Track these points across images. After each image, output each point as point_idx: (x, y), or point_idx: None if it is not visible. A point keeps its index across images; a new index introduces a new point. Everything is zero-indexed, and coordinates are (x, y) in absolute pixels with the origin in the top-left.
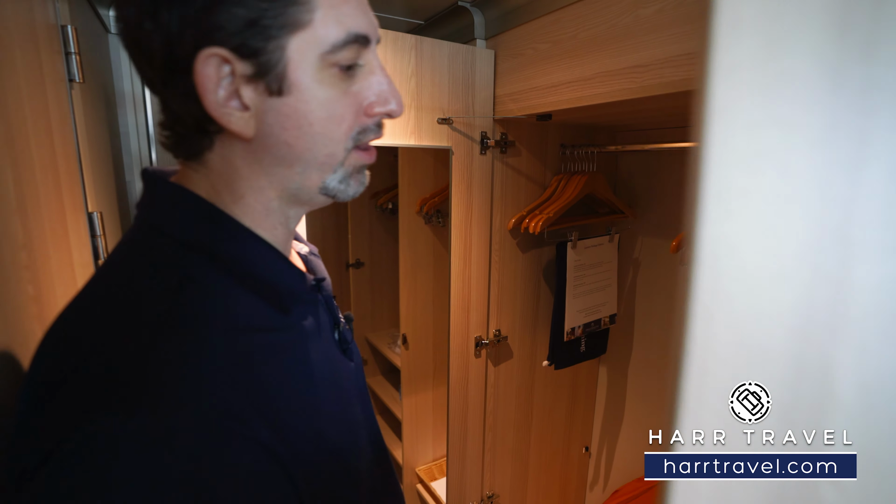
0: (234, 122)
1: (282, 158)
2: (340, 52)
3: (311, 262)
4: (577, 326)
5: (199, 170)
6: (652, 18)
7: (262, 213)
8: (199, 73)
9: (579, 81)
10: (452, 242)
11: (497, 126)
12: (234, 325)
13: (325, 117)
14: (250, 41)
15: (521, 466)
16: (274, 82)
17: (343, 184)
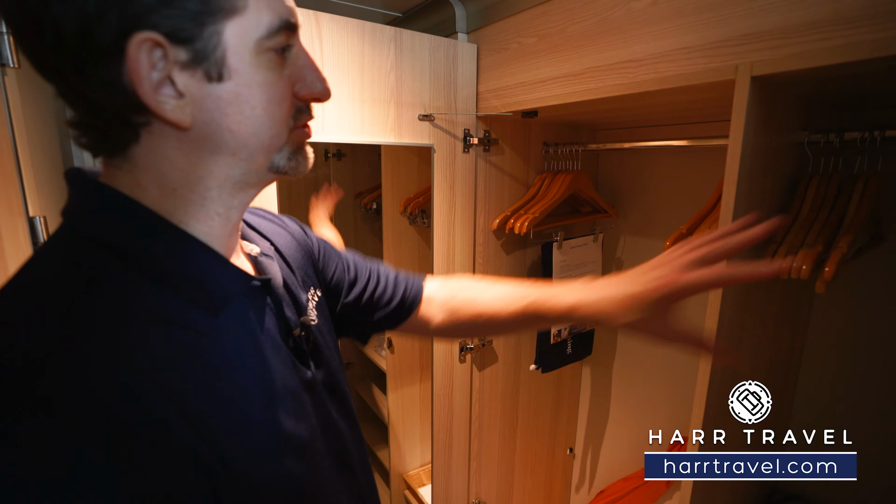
0: (168, 110)
1: (225, 145)
2: (275, 37)
3: (262, 264)
4: (563, 328)
5: (121, 166)
6: (646, 11)
7: (196, 205)
8: (132, 58)
9: (569, 77)
10: (435, 243)
11: (480, 123)
12: (149, 318)
13: (268, 100)
14: (184, 26)
15: (507, 470)
16: (213, 68)
17: (292, 160)
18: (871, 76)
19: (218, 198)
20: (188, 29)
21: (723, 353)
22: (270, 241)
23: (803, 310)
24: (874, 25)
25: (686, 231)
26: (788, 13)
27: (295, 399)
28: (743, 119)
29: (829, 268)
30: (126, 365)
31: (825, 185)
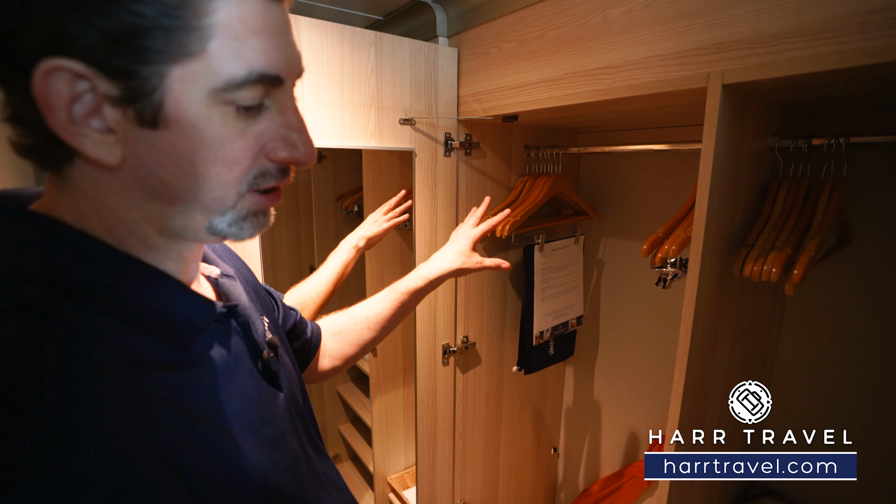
0: (89, 146)
1: (157, 194)
2: (239, 91)
3: (223, 287)
4: (545, 330)
5: (61, 186)
6: (621, 19)
7: (141, 248)
8: (38, 86)
9: (547, 82)
10: (417, 247)
11: (461, 127)
12: (115, 364)
13: (211, 159)
14: (116, 60)
15: (492, 471)
16: (147, 111)
17: (235, 227)
18: (836, 85)
19: (162, 244)
20: (123, 64)
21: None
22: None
23: (776, 310)
24: (836, 38)
25: (662, 234)
26: (756, 24)
27: (274, 426)
28: (715, 125)
29: (798, 271)
30: (104, 430)
31: (794, 189)
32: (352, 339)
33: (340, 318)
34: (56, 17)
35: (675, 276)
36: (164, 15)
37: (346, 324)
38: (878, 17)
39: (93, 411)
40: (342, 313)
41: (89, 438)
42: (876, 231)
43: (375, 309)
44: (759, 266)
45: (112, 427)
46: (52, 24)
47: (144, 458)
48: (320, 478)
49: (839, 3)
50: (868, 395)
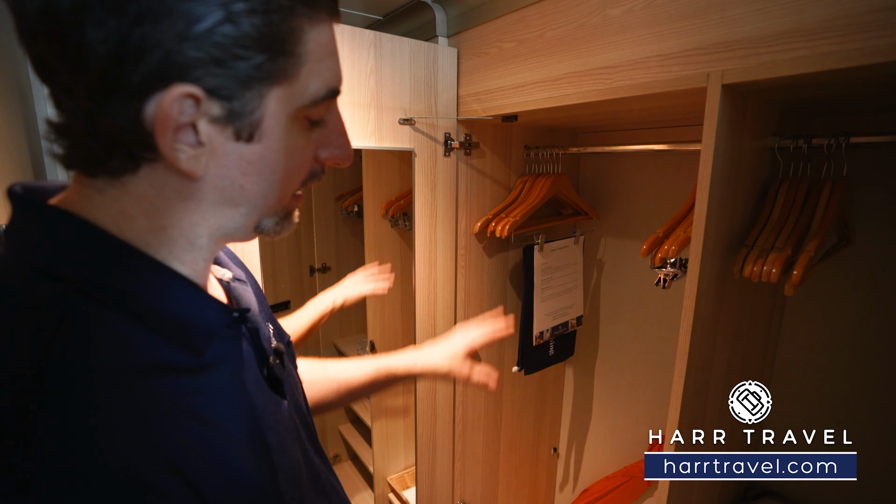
0: (182, 160)
1: (230, 200)
2: (318, 106)
3: (235, 291)
4: (545, 330)
5: (105, 190)
6: (621, 19)
7: (184, 247)
8: (164, 108)
9: (547, 82)
10: (417, 248)
11: (461, 127)
12: (131, 369)
13: (290, 166)
14: (229, 85)
15: (492, 472)
16: (245, 129)
17: (279, 225)
18: (837, 85)
19: (207, 245)
20: (232, 88)
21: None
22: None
23: (776, 310)
24: (836, 38)
25: (662, 235)
26: (756, 24)
27: (277, 434)
28: (715, 125)
29: (798, 272)
30: (115, 434)
31: (794, 189)
32: (313, 393)
33: (314, 369)
34: (183, 46)
35: (674, 277)
36: (271, 45)
37: (316, 376)
38: (879, 17)
39: (105, 415)
40: (317, 363)
41: (100, 442)
42: (876, 231)
43: (350, 375)
44: (759, 267)
45: (124, 432)
46: (179, 51)
47: (155, 464)
48: (321, 485)
49: (840, 3)
50: (868, 395)
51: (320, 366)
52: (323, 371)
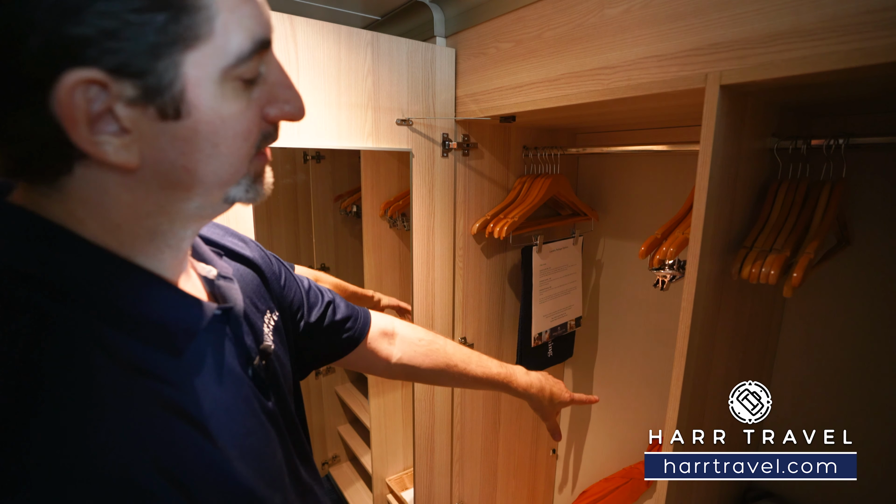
0: (110, 152)
1: (177, 182)
2: (247, 62)
3: (221, 288)
4: (544, 331)
5: (49, 194)
6: (618, 19)
7: (144, 239)
8: (63, 101)
9: (545, 82)
10: (414, 248)
11: (459, 127)
12: (112, 372)
13: (231, 135)
14: (133, 60)
15: (490, 473)
16: (169, 105)
17: (251, 191)
18: (836, 86)
19: (169, 230)
20: (139, 63)
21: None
22: (229, 259)
23: (775, 311)
24: (835, 38)
25: (661, 236)
26: (754, 24)
27: (257, 437)
28: (713, 126)
29: (797, 273)
30: (101, 437)
31: (793, 190)
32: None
33: (419, 333)
34: (63, 25)
35: (673, 278)
36: (170, 2)
37: (423, 344)
38: (877, 17)
39: (89, 418)
40: (422, 331)
41: (85, 446)
42: (876, 232)
43: (467, 359)
44: (758, 268)
45: (109, 434)
46: (60, 32)
47: (142, 465)
48: (304, 490)
49: (838, 3)
50: (868, 395)
51: (428, 335)
52: (432, 342)
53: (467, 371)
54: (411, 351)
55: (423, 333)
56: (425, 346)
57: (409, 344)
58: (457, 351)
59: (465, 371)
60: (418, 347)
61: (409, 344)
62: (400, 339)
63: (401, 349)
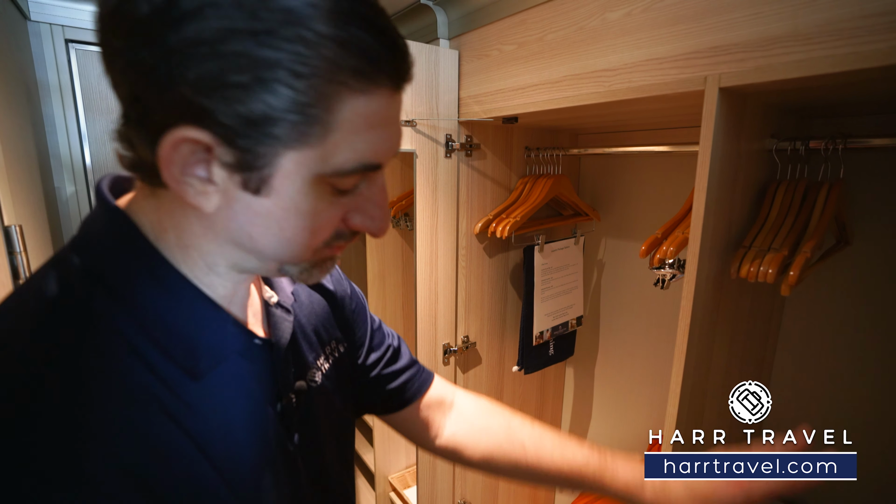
0: (190, 194)
1: (241, 243)
2: (343, 178)
3: (274, 317)
4: (545, 330)
5: (149, 198)
6: (620, 22)
7: (203, 270)
8: (165, 147)
9: (547, 84)
10: (418, 248)
11: (462, 128)
12: (131, 371)
13: (301, 227)
14: (241, 140)
15: None
16: (253, 181)
17: (305, 274)
18: (833, 89)
19: (226, 273)
20: (246, 142)
21: None
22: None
23: (775, 311)
24: (831, 42)
25: (661, 236)
26: (752, 28)
27: (271, 473)
28: (712, 128)
29: (794, 272)
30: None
31: (792, 191)
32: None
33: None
34: (198, 95)
35: (673, 277)
36: (295, 111)
37: (495, 428)
38: (873, 22)
39: (88, 405)
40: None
41: (70, 434)
42: (876, 232)
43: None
44: (756, 267)
45: (99, 424)
46: (194, 99)
47: (112, 461)
48: None
49: (834, 8)
50: (868, 395)
51: (503, 417)
52: (507, 426)
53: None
54: (464, 429)
55: (487, 410)
56: (482, 422)
57: (464, 420)
58: (525, 435)
59: (532, 464)
60: (475, 424)
61: (464, 420)
62: (456, 414)
63: (454, 426)
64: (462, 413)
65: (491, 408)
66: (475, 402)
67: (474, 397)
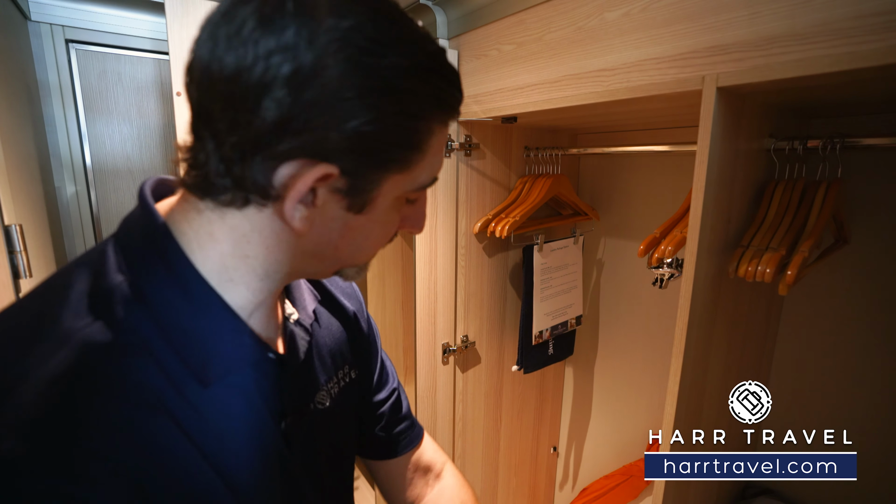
0: (296, 217)
1: (320, 253)
2: (420, 192)
3: (292, 334)
4: (544, 329)
5: (205, 213)
6: (618, 22)
7: (259, 276)
8: (301, 180)
9: (546, 84)
10: (417, 248)
11: (461, 128)
12: (139, 380)
13: (382, 234)
14: (359, 168)
15: (492, 470)
16: (358, 204)
17: (359, 274)
18: (831, 88)
19: (280, 280)
20: (363, 172)
21: None
22: (324, 305)
23: (774, 310)
24: (828, 42)
25: (659, 235)
26: (750, 27)
27: (273, 486)
28: (710, 127)
29: (791, 271)
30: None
31: (790, 190)
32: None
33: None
34: (330, 133)
35: (671, 277)
36: (407, 142)
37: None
38: (869, 22)
39: (87, 404)
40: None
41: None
42: (874, 231)
43: None
44: (754, 266)
45: (94, 422)
46: (326, 137)
47: (106, 463)
48: None
49: (831, 8)
50: (867, 394)
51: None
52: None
53: None
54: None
55: (462, 496)
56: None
57: (443, 499)
58: None
59: None
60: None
61: (443, 499)
62: (440, 488)
63: (434, 499)
64: (443, 490)
65: (466, 495)
66: (457, 482)
67: (458, 477)
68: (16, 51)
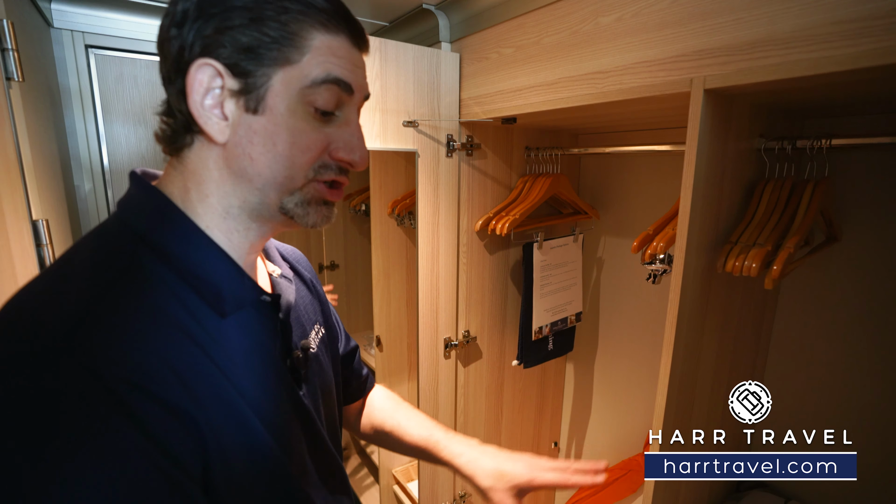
0: (210, 125)
1: (244, 171)
2: (318, 89)
3: (280, 285)
4: (544, 325)
5: (177, 167)
6: (611, 27)
7: (221, 215)
8: (191, 75)
9: (543, 86)
10: (420, 245)
11: (463, 129)
12: (166, 312)
13: (290, 142)
14: (243, 63)
15: None
16: (252, 101)
17: (301, 208)
18: (814, 90)
19: (238, 216)
20: (246, 66)
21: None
22: (294, 269)
23: (767, 307)
24: (806, 47)
25: (653, 232)
26: (735, 32)
27: (287, 419)
28: (697, 128)
29: (777, 266)
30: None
31: (779, 189)
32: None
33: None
34: (216, 34)
35: (664, 272)
36: (281, 37)
37: (382, 410)
38: (845, 28)
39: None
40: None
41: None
42: (865, 229)
43: (404, 424)
44: (741, 261)
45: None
46: (211, 38)
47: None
48: (331, 476)
49: (808, 14)
50: (865, 394)
51: (393, 402)
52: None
53: (398, 435)
54: (368, 412)
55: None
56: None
57: (370, 406)
58: (396, 418)
59: (395, 435)
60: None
61: (370, 406)
62: (369, 404)
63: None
64: (372, 400)
65: (386, 395)
66: (385, 397)
67: (387, 393)
68: (41, 57)
